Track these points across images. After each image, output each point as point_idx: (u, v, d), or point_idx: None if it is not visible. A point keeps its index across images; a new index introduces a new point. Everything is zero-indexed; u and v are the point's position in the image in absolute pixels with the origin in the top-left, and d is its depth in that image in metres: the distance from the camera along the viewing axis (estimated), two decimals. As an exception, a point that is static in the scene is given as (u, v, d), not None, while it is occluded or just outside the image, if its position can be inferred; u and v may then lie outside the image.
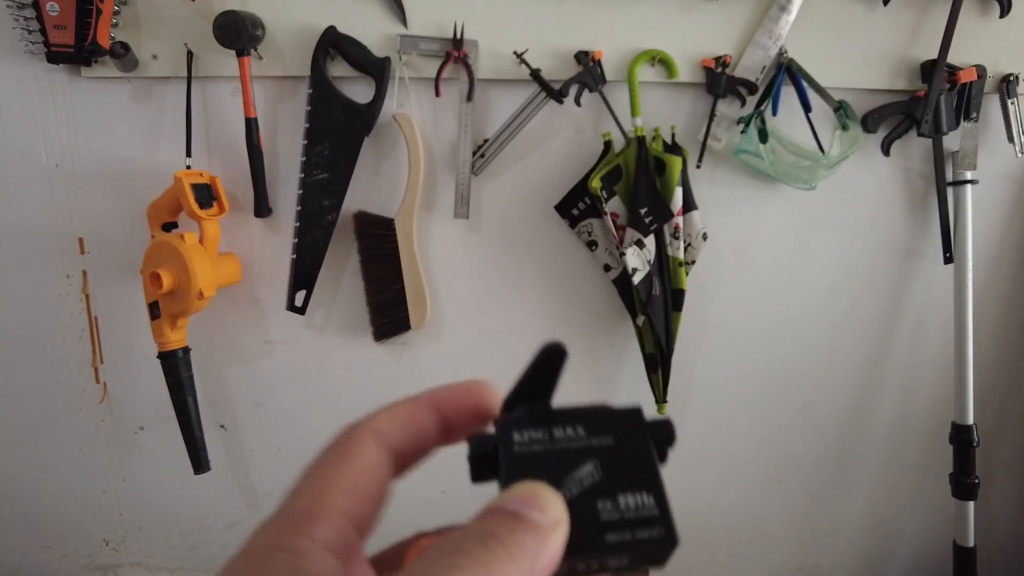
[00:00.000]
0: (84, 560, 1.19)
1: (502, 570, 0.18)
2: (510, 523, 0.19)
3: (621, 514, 0.22)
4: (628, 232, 0.95)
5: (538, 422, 0.23)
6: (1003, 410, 1.12)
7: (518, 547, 0.18)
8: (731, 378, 1.10)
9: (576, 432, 0.23)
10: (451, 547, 0.18)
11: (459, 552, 0.18)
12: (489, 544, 0.18)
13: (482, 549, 0.18)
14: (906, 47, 0.99)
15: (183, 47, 0.96)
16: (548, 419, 0.23)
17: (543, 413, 0.24)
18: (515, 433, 0.23)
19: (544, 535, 0.19)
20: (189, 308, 0.94)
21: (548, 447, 0.23)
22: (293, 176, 0.99)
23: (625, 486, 0.22)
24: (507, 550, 0.18)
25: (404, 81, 0.97)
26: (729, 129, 0.99)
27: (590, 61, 0.94)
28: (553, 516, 0.20)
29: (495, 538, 0.18)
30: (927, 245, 1.06)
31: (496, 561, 0.18)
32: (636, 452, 0.23)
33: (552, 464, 0.22)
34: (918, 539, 1.18)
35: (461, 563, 0.17)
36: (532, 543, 0.19)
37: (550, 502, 0.20)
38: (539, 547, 0.19)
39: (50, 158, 1.02)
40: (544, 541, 0.19)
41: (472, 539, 0.18)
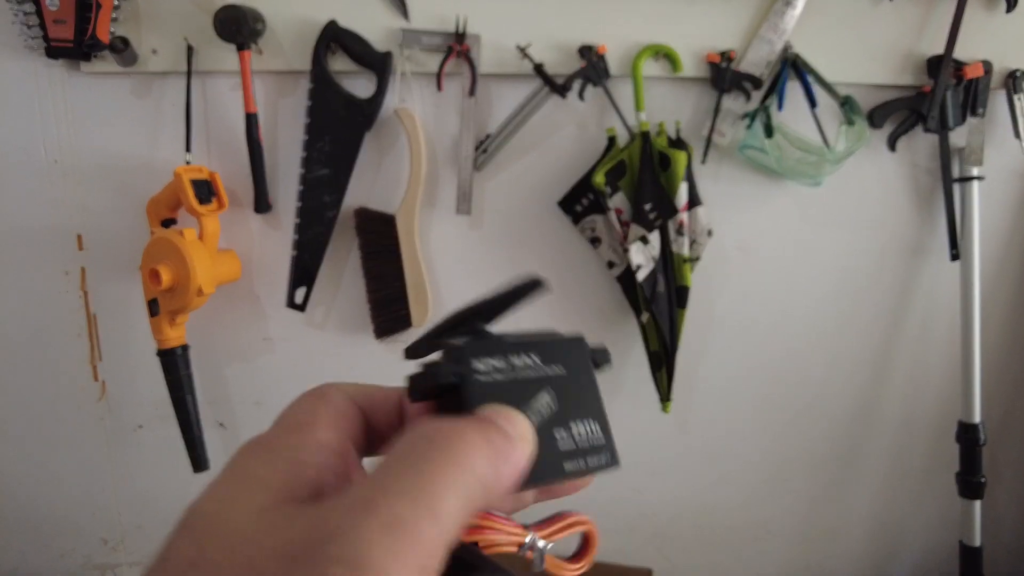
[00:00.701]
0: (82, 559, 1.18)
1: (468, 456, 0.18)
2: (480, 423, 0.20)
3: (575, 443, 0.24)
4: (632, 228, 0.94)
5: (496, 350, 0.23)
6: (1010, 408, 1.11)
7: (487, 442, 0.19)
8: (736, 376, 1.09)
9: (532, 361, 0.24)
10: (429, 434, 0.19)
11: (436, 437, 0.19)
12: (460, 434, 0.19)
13: (454, 437, 0.19)
14: (912, 42, 0.98)
15: (183, 41, 0.95)
16: (505, 347, 0.24)
17: (500, 341, 0.24)
18: (476, 361, 0.23)
19: (511, 443, 0.20)
20: (188, 305, 0.93)
21: (509, 376, 0.23)
22: (293, 172, 0.98)
23: (576, 415, 0.24)
24: (471, 440, 0.19)
25: (406, 76, 0.96)
26: (734, 124, 0.98)
27: (594, 55, 0.94)
28: (519, 430, 0.21)
29: (462, 430, 0.19)
30: (933, 241, 1.05)
31: (465, 448, 0.19)
32: (583, 381, 0.25)
33: (514, 393, 0.23)
34: (924, 539, 1.17)
35: (436, 445, 0.18)
36: (502, 444, 0.20)
37: (517, 418, 0.21)
38: (507, 451, 0.20)
39: (49, 153, 1.01)
40: (511, 448, 0.20)
41: (451, 427, 0.19)
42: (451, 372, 0.22)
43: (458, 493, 0.18)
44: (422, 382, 0.22)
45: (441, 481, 0.18)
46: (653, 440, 1.11)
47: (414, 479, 0.17)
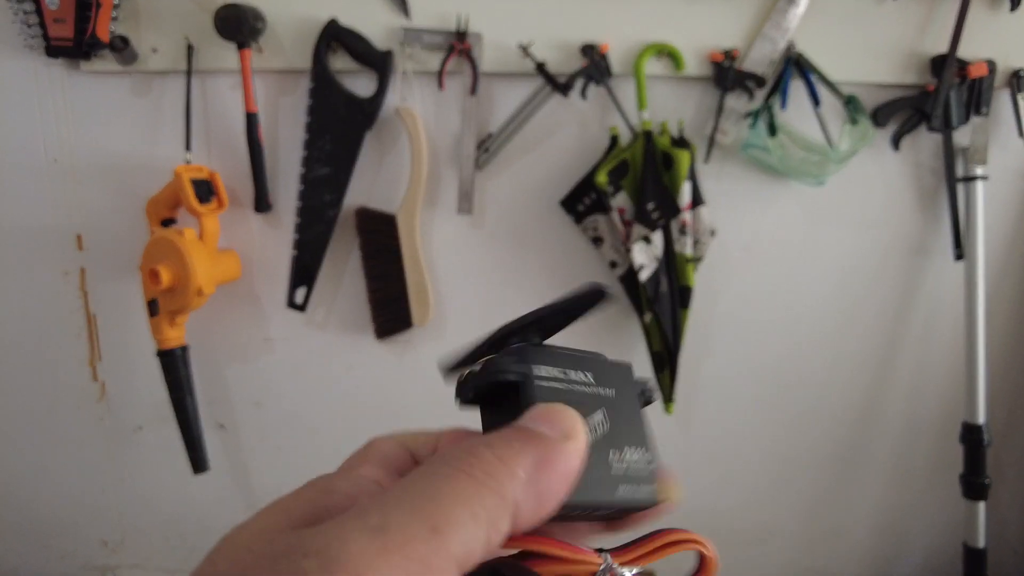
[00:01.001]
0: (83, 561, 1.18)
1: (492, 471, 0.18)
2: (509, 433, 0.20)
3: (627, 468, 0.23)
4: (635, 228, 0.94)
5: (555, 360, 0.23)
6: (1014, 409, 1.11)
7: (510, 453, 0.19)
8: (739, 376, 1.09)
9: (587, 377, 0.23)
10: (449, 451, 0.19)
11: (452, 455, 0.19)
12: (478, 451, 0.19)
13: (470, 456, 0.18)
14: (916, 41, 0.98)
15: (183, 40, 0.94)
16: (563, 360, 0.23)
17: (558, 352, 0.23)
18: (536, 366, 0.22)
19: (548, 446, 0.19)
20: (188, 305, 0.92)
21: (565, 387, 0.23)
22: (294, 171, 0.98)
23: (628, 441, 0.23)
24: (497, 455, 0.18)
25: (407, 74, 0.95)
26: (737, 123, 0.98)
27: (596, 54, 0.93)
28: (561, 428, 0.20)
29: (488, 445, 0.19)
30: (937, 241, 1.05)
31: (483, 464, 0.18)
32: (631, 408, 0.24)
33: (571, 403, 0.22)
34: (928, 540, 1.17)
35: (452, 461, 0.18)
36: (529, 452, 0.19)
37: (560, 417, 0.20)
38: (538, 457, 0.19)
39: (48, 153, 1.01)
40: (548, 453, 0.19)
41: (473, 444, 0.19)
42: (513, 369, 0.21)
43: (471, 509, 0.17)
44: (478, 379, 0.21)
45: (449, 495, 0.17)
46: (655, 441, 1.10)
47: (419, 494, 0.17)
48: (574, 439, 0.20)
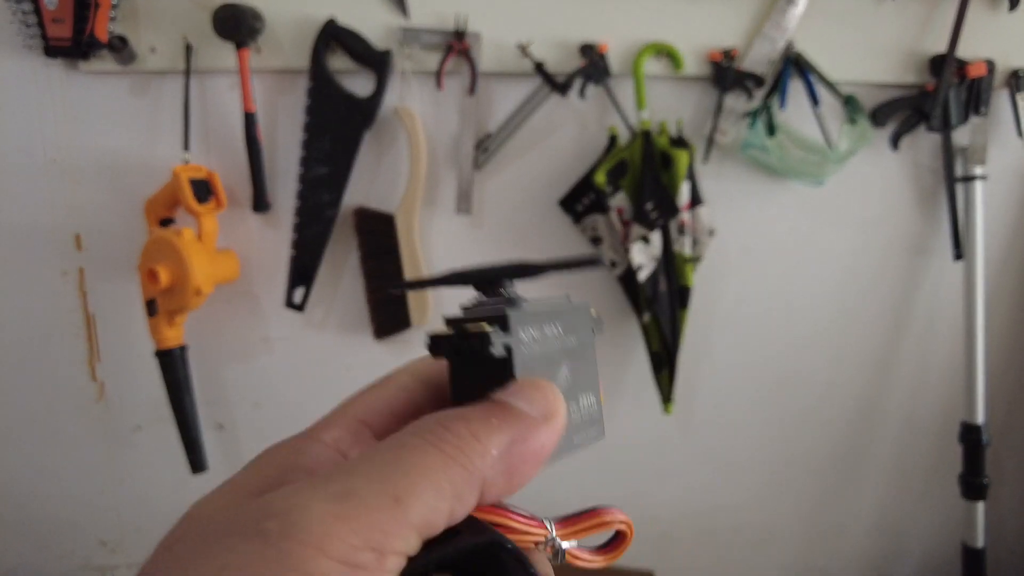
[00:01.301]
0: (81, 561, 1.18)
1: (464, 447, 0.18)
2: (488, 408, 0.20)
3: (581, 415, 0.23)
4: (633, 228, 0.94)
5: (534, 319, 0.23)
6: (1013, 409, 1.11)
7: (485, 429, 0.19)
8: (738, 376, 1.09)
9: (557, 331, 0.23)
10: (422, 422, 0.19)
11: (424, 426, 0.19)
12: (452, 425, 0.19)
13: (443, 429, 0.19)
14: (915, 40, 0.98)
15: (181, 40, 0.94)
16: (540, 317, 0.23)
17: (537, 309, 0.23)
18: (520, 330, 0.22)
19: (525, 425, 0.19)
20: (186, 305, 0.92)
21: (542, 347, 0.23)
22: (292, 171, 0.98)
23: (583, 387, 0.24)
24: (471, 429, 0.19)
25: (405, 74, 0.95)
26: (736, 123, 0.98)
27: (595, 54, 0.93)
28: (542, 408, 0.20)
29: (463, 419, 0.19)
30: (936, 241, 1.05)
31: (454, 439, 0.18)
32: (587, 352, 0.25)
33: (544, 365, 0.22)
34: (927, 540, 1.17)
35: (421, 432, 0.18)
36: (505, 429, 0.19)
37: (542, 395, 0.21)
38: (514, 434, 0.19)
39: (47, 153, 1.01)
40: (524, 431, 0.19)
41: (447, 416, 0.19)
42: (502, 342, 0.21)
43: (435, 482, 0.17)
44: (463, 343, 0.21)
45: (415, 466, 0.17)
46: (655, 441, 1.11)
47: (384, 464, 0.17)
48: (553, 420, 0.20)
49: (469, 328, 0.21)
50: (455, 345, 0.22)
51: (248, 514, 0.16)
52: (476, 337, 0.21)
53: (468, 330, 0.21)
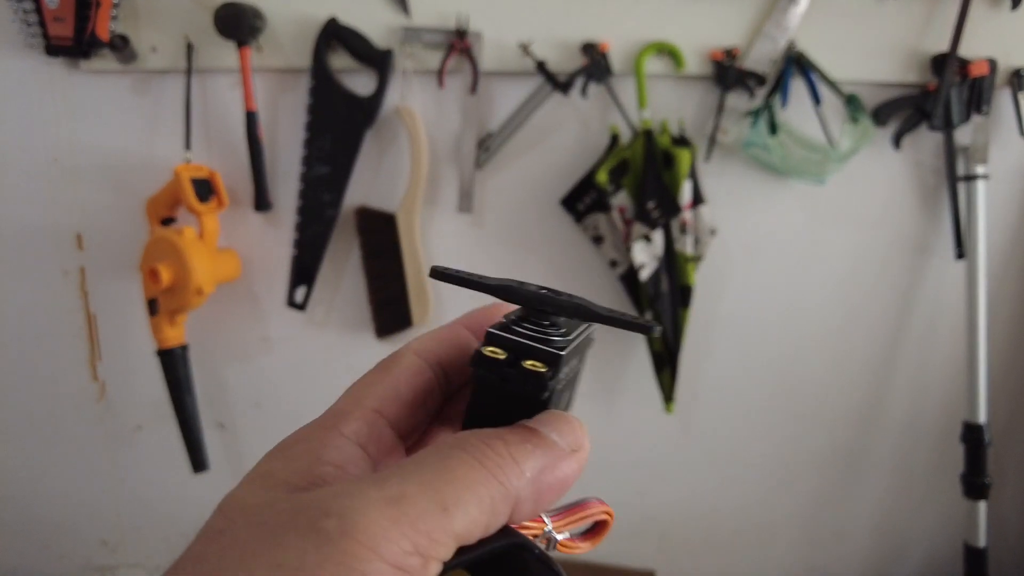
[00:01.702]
0: (82, 561, 1.18)
1: (504, 466, 0.19)
2: (524, 433, 0.21)
3: None
4: (635, 227, 0.94)
5: (569, 358, 0.23)
6: (1016, 409, 1.11)
7: (522, 453, 0.20)
8: (740, 376, 1.08)
9: (575, 362, 0.24)
10: (465, 437, 0.20)
11: (468, 442, 0.20)
12: (494, 444, 0.20)
13: (486, 447, 0.19)
14: (917, 39, 0.97)
15: (183, 39, 0.94)
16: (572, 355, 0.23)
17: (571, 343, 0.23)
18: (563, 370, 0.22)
19: (556, 454, 0.21)
20: (187, 304, 0.92)
21: (563, 386, 0.23)
22: (294, 170, 0.98)
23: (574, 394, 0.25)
24: (510, 451, 0.20)
25: (407, 73, 0.95)
26: (738, 122, 0.98)
27: (596, 53, 0.93)
28: (571, 441, 0.21)
29: (503, 440, 0.20)
30: (938, 240, 1.04)
31: (496, 458, 0.19)
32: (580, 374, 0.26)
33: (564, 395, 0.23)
34: (929, 540, 1.16)
35: (468, 448, 0.19)
36: (539, 455, 0.20)
37: (571, 429, 0.22)
38: (545, 462, 0.20)
39: (48, 152, 1.01)
40: (554, 460, 0.20)
41: (488, 435, 0.20)
42: (551, 388, 0.22)
43: (478, 495, 0.18)
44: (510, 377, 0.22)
45: (461, 479, 0.18)
46: (656, 441, 1.10)
47: (434, 473, 0.18)
48: (579, 453, 0.21)
49: (527, 366, 0.22)
50: (504, 373, 0.22)
51: (302, 511, 0.17)
52: (533, 376, 0.22)
53: (526, 367, 0.22)
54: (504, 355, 0.22)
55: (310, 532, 0.16)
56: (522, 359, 0.22)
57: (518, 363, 0.22)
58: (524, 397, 0.22)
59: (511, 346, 0.22)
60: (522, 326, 0.23)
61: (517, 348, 0.22)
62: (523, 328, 0.23)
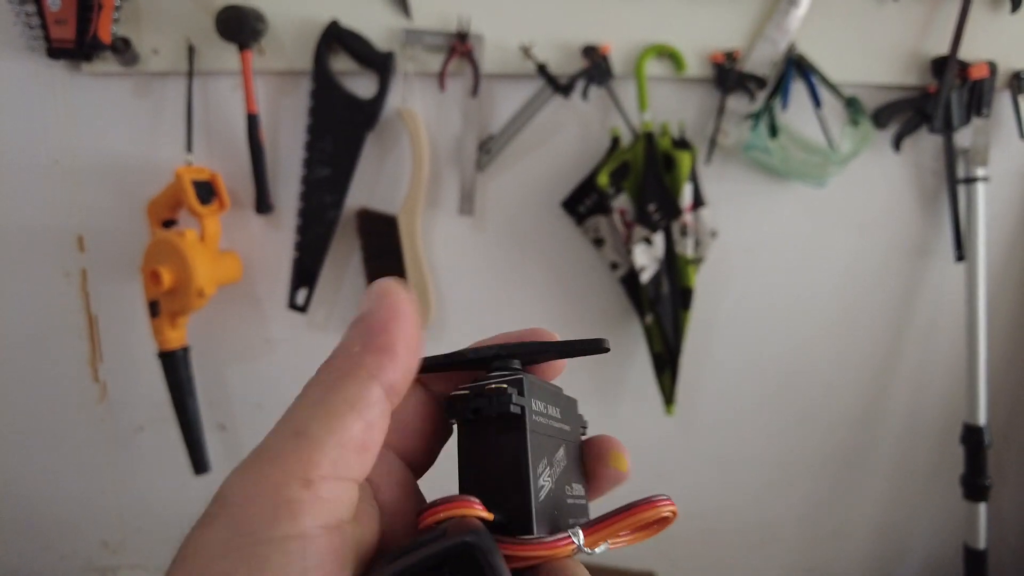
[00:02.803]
0: (83, 562, 1.18)
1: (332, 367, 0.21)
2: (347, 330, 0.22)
3: (573, 503, 0.25)
4: (636, 229, 0.94)
5: (541, 393, 0.24)
6: (1015, 410, 1.11)
7: (345, 342, 0.22)
8: (740, 378, 1.09)
9: (557, 413, 0.25)
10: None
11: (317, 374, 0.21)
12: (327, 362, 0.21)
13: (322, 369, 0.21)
14: (917, 42, 0.98)
15: (184, 42, 0.94)
16: (545, 393, 0.24)
17: (541, 385, 0.24)
18: (533, 398, 0.23)
19: (368, 313, 0.22)
20: (189, 306, 0.92)
21: (545, 421, 0.24)
22: (295, 172, 0.98)
23: (573, 475, 0.25)
24: (336, 353, 0.22)
25: (408, 76, 0.95)
26: (738, 125, 0.98)
27: (597, 55, 0.93)
28: (374, 294, 0.22)
29: (332, 354, 0.22)
30: (938, 243, 1.05)
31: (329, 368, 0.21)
32: (578, 444, 0.26)
33: (546, 439, 0.24)
34: (928, 541, 1.17)
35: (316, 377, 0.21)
36: (357, 327, 0.22)
37: (372, 288, 0.22)
38: (364, 323, 0.22)
39: (50, 154, 1.01)
40: (370, 316, 0.22)
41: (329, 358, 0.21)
42: (518, 403, 0.22)
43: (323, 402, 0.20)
44: (482, 404, 0.22)
45: (306, 403, 0.20)
46: (657, 442, 1.11)
47: (284, 416, 0.20)
48: (388, 295, 0.21)
49: (489, 385, 0.22)
50: (472, 403, 0.22)
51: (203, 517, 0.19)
52: (495, 392, 0.22)
53: (487, 387, 0.22)
54: (468, 391, 0.23)
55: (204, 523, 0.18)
56: (484, 387, 0.23)
57: (483, 390, 0.22)
58: (498, 420, 0.22)
59: (474, 385, 0.23)
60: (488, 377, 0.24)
61: (479, 384, 0.23)
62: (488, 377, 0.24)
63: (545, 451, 0.23)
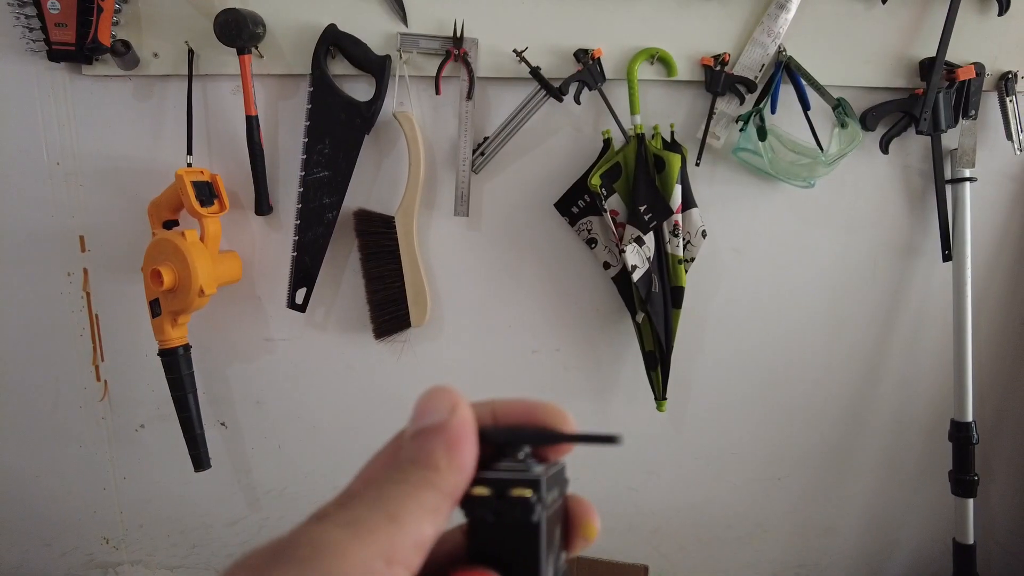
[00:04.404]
0: (84, 558, 1.20)
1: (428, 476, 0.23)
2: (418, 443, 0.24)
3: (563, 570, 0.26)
4: (628, 229, 0.95)
5: (553, 483, 0.25)
6: (1002, 407, 1.13)
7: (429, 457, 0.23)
8: (730, 375, 1.10)
9: (556, 493, 0.26)
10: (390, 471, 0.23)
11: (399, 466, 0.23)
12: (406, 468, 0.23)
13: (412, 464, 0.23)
14: (905, 45, 0.99)
15: (184, 45, 0.96)
16: (553, 480, 0.25)
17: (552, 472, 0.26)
18: (547, 492, 0.24)
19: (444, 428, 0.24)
20: (190, 305, 0.94)
21: (551, 511, 0.25)
22: (294, 174, 0.99)
23: (561, 545, 0.26)
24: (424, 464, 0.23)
25: (404, 79, 0.97)
26: (728, 127, 1.00)
27: (589, 59, 0.95)
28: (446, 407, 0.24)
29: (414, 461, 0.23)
30: (926, 243, 1.06)
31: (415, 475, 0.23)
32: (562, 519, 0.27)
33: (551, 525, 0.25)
34: (918, 536, 1.18)
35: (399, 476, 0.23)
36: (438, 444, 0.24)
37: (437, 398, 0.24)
38: (445, 441, 0.24)
39: (51, 156, 1.02)
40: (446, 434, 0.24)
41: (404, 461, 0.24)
42: (539, 514, 0.24)
43: (416, 501, 0.22)
44: (502, 509, 0.24)
45: (397, 495, 0.22)
46: (648, 439, 1.12)
47: (373, 497, 0.22)
48: (458, 408, 0.24)
49: (513, 493, 0.24)
50: (493, 507, 0.24)
51: (281, 546, 0.20)
52: (519, 503, 0.24)
53: (512, 495, 0.24)
54: (488, 491, 0.24)
55: (292, 562, 0.19)
56: (506, 491, 0.24)
57: (505, 494, 0.24)
58: (517, 526, 0.24)
59: (493, 481, 0.24)
60: (498, 468, 0.25)
61: (499, 482, 0.24)
62: (501, 468, 0.25)
63: (552, 539, 0.25)
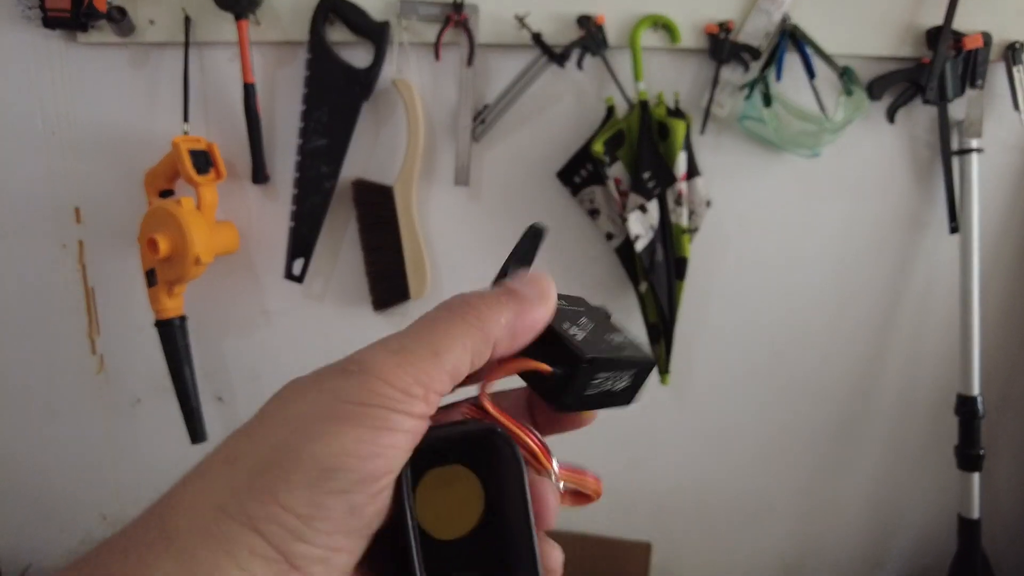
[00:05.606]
0: (82, 534, 1.19)
1: (483, 318, 0.25)
2: (501, 291, 0.26)
3: (623, 341, 0.30)
4: (631, 197, 0.94)
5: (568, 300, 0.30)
6: (1009, 381, 1.11)
7: (498, 306, 0.25)
8: (734, 348, 1.09)
9: (622, 337, 0.30)
10: (452, 300, 0.26)
11: (454, 303, 0.25)
12: (473, 302, 0.25)
13: (467, 305, 0.25)
14: (911, 13, 0.98)
15: (180, 12, 0.95)
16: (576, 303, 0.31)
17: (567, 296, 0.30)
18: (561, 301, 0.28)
19: (526, 303, 0.26)
20: (186, 275, 0.93)
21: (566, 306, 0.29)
22: (291, 143, 0.98)
23: (616, 329, 0.31)
24: (488, 305, 0.25)
25: (403, 46, 0.96)
26: (733, 95, 0.98)
27: (592, 25, 0.93)
28: (539, 290, 0.27)
29: (481, 298, 0.26)
30: (932, 214, 1.05)
31: (475, 312, 0.25)
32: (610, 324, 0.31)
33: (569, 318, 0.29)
34: (923, 511, 1.17)
35: (450, 307, 0.25)
36: (513, 306, 0.26)
37: (540, 281, 0.27)
38: (518, 310, 0.26)
39: (46, 125, 1.01)
40: (525, 307, 0.26)
41: (470, 296, 0.26)
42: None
43: (462, 342, 0.24)
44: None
45: (447, 332, 0.24)
46: (651, 413, 1.11)
47: (427, 329, 0.24)
48: (546, 301, 0.27)
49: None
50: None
51: (334, 365, 0.23)
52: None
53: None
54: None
55: (340, 373, 0.22)
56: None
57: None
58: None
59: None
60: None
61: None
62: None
63: (567, 317, 0.28)
